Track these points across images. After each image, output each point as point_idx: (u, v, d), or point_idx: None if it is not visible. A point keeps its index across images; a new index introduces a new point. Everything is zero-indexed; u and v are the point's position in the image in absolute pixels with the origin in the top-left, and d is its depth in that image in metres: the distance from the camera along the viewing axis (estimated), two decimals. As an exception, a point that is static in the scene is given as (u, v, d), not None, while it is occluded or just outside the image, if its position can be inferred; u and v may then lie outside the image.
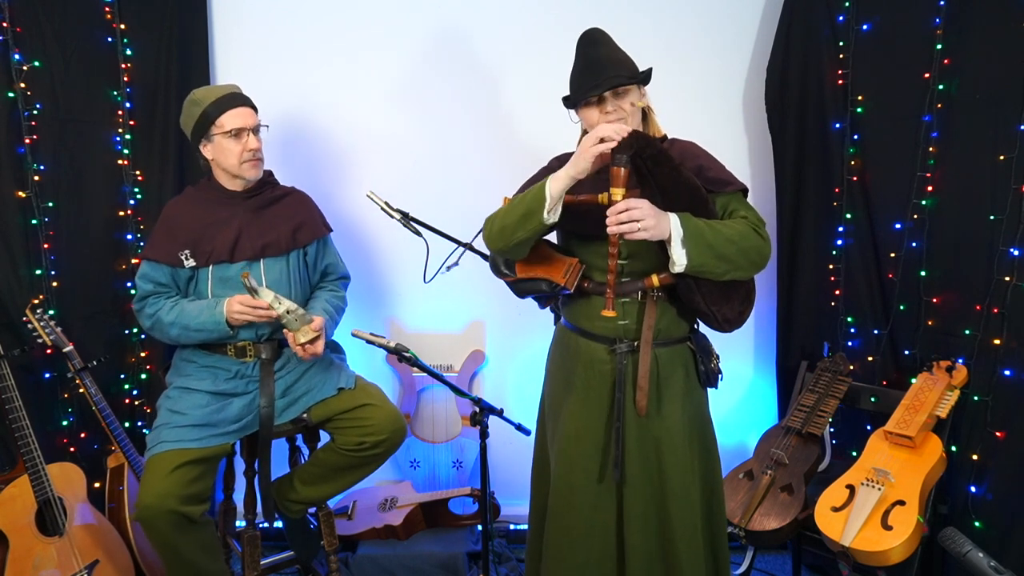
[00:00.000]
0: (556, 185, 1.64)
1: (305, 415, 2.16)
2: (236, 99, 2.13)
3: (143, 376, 2.74)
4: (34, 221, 2.44)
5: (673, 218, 1.60)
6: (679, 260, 1.59)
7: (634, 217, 1.54)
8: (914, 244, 2.42)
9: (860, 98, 2.53)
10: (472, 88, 2.86)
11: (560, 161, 1.88)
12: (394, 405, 2.21)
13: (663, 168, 1.64)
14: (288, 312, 2.00)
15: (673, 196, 1.64)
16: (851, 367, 2.53)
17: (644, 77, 1.76)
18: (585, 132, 1.85)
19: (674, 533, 1.73)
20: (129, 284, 2.70)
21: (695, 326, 1.85)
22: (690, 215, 1.63)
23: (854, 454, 2.44)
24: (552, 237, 1.88)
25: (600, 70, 1.71)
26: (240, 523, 2.60)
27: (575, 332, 1.83)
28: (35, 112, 2.43)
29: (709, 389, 1.86)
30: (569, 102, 1.82)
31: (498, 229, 1.73)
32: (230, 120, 2.10)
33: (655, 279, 1.70)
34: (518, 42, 2.83)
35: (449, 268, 2.22)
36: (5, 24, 2.34)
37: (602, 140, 1.57)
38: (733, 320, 1.75)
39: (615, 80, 1.70)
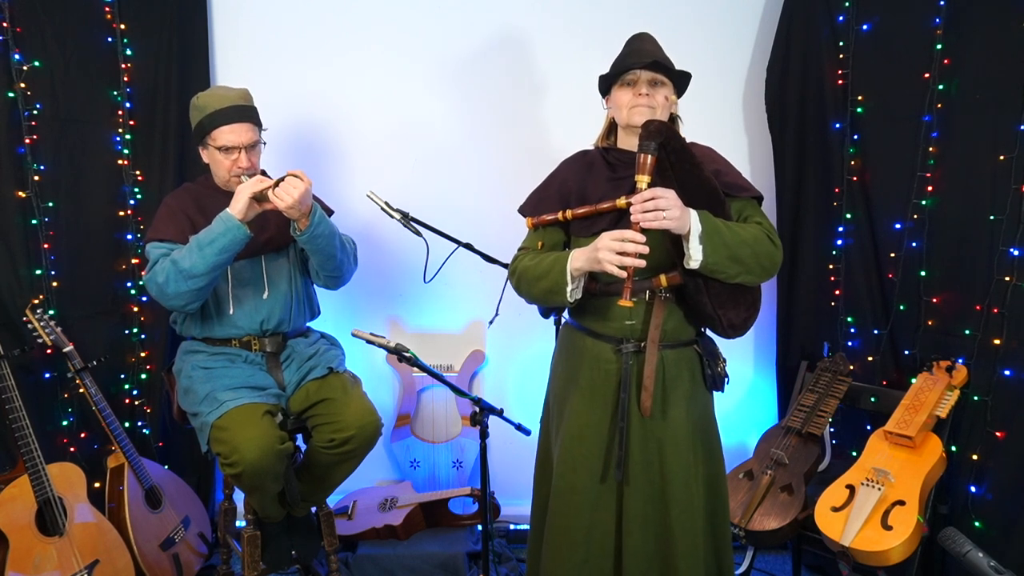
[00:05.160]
0: (576, 265, 1.67)
1: (284, 406, 2.16)
2: (233, 114, 2.09)
3: (143, 376, 2.74)
4: (34, 221, 2.44)
5: (693, 214, 1.60)
6: (695, 256, 1.59)
7: (660, 206, 1.55)
8: (914, 244, 2.42)
9: (860, 98, 2.53)
10: (472, 88, 2.86)
11: (570, 166, 1.88)
12: (366, 400, 2.17)
13: (685, 164, 1.65)
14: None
15: (692, 193, 1.65)
16: (851, 367, 2.53)
17: (683, 83, 1.80)
18: (612, 121, 1.85)
19: (674, 536, 1.72)
20: (129, 284, 2.70)
21: (703, 330, 1.84)
22: (709, 213, 1.63)
23: (854, 454, 2.44)
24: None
25: (646, 56, 1.74)
26: (240, 523, 2.60)
27: (581, 331, 1.83)
28: (35, 112, 2.43)
29: (714, 392, 1.86)
30: (604, 85, 1.82)
31: (526, 295, 1.81)
32: (221, 136, 2.09)
33: (663, 279, 1.70)
34: (518, 42, 2.83)
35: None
36: (5, 24, 2.34)
37: (623, 253, 1.57)
38: (738, 326, 1.75)
39: (658, 64, 1.72)
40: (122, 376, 2.71)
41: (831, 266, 2.68)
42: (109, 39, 2.61)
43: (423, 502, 2.79)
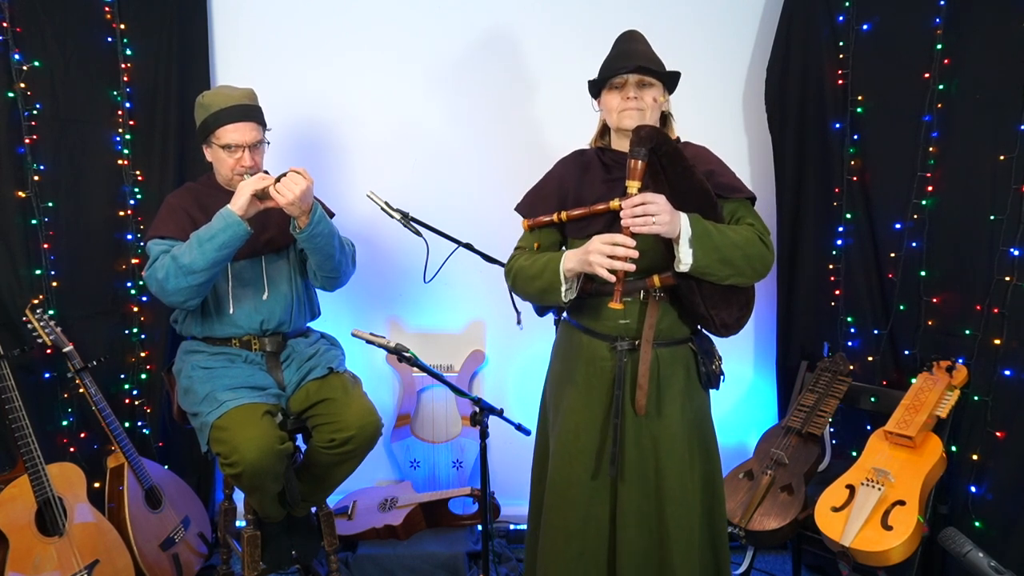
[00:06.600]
0: (568, 266, 1.67)
1: (284, 406, 2.16)
2: (237, 113, 2.10)
3: (143, 376, 2.74)
4: (34, 221, 2.44)
5: (683, 217, 1.61)
6: (685, 259, 1.60)
7: (649, 211, 1.56)
8: (914, 244, 2.42)
9: (860, 98, 2.53)
10: (472, 87, 2.85)
11: (566, 166, 1.89)
12: (366, 400, 2.17)
13: (677, 167, 1.66)
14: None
15: (684, 196, 1.65)
16: (851, 367, 2.53)
17: (672, 81, 1.80)
18: (604, 124, 1.86)
19: (670, 533, 1.73)
20: (129, 284, 2.70)
21: (698, 328, 1.85)
22: (699, 216, 1.64)
23: (854, 454, 2.44)
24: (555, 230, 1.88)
25: (633, 58, 1.74)
26: (240, 523, 2.60)
27: (579, 329, 1.84)
28: (35, 112, 2.43)
29: (710, 390, 1.87)
30: (594, 89, 1.83)
31: (521, 293, 1.84)
32: (225, 135, 2.10)
33: (657, 279, 1.71)
34: (518, 41, 2.83)
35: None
36: (5, 24, 2.34)
37: (613, 257, 1.57)
38: (731, 325, 1.76)
39: (645, 67, 1.72)
40: (122, 376, 2.71)
41: (831, 266, 2.67)
42: (109, 39, 2.61)
43: (423, 502, 2.79)
